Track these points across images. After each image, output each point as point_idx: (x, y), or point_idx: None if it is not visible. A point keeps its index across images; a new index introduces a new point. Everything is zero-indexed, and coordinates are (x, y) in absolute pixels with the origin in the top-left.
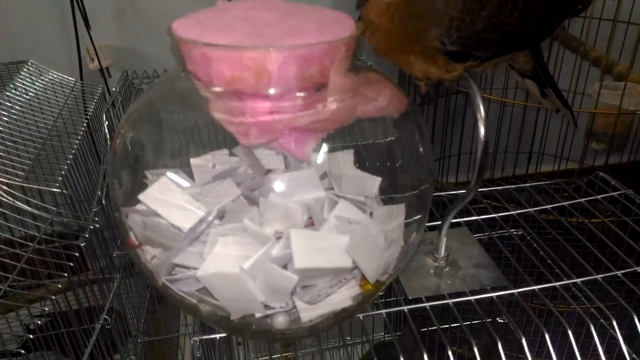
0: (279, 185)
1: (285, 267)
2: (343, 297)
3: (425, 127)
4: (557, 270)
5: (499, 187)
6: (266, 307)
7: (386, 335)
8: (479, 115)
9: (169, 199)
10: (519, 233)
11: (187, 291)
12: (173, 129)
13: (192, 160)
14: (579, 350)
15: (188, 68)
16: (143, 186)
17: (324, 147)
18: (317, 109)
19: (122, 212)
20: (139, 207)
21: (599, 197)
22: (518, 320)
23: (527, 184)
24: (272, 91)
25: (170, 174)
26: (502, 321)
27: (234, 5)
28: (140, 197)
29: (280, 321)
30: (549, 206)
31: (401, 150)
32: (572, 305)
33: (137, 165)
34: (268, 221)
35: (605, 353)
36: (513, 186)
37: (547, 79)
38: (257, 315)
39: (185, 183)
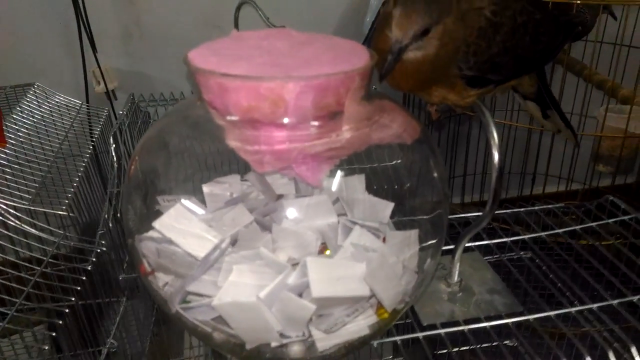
0: (291, 211)
1: (300, 295)
2: (360, 326)
3: (438, 152)
4: (567, 293)
5: (509, 210)
6: (282, 335)
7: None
8: (492, 142)
9: (184, 227)
10: (528, 255)
11: (201, 320)
12: (186, 155)
13: (205, 187)
14: None
15: (204, 97)
16: (155, 212)
17: (339, 173)
18: (332, 138)
19: (136, 239)
20: (152, 233)
21: (609, 221)
22: (529, 343)
23: (536, 207)
24: (287, 120)
25: (184, 201)
26: (511, 344)
27: (248, 35)
28: (155, 224)
29: (296, 350)
30: (560, 230)
31: (416, 175)
32: (585, 328)
33: (149, 191)
34: (281, 248)
35: None
36: (522, 209)
37: (550, 101)
38: (273, 344)
39: (199, 210)
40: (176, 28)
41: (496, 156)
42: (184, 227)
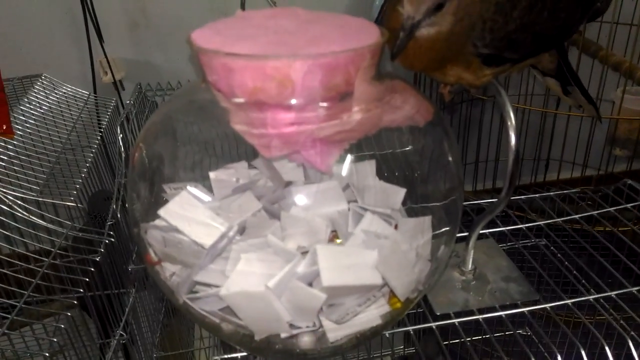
0: (300, 198)
1: (310, 284)
2: (372, 315)
3: (452, 135)
4: (583, 281)
5: (524, 196)
6: (292, 326)
7: (406, 350)
8: (509, 123)
9: (190, 214)
10: (543, 242)
11: (209, 310)
12: (191, 141)
13: (212, 174)
14: None
15: (208, 79)
16: (161, 200)
17: (348, 158)
18: (341, 120)
19: (142, 228)
20: (158, 222)
21: (628, 205)
22: (545, 333)
23: (552, 192)
24: (294, 101)
25: (190, 188)
26: (524, 333)
27: (253, 14)
28: (160, 212)
29: (306, 341)
30: (577, 216)
31: (428, 160)
32: (602, 316)
33: (155, 179)
34: (290, 236)
35: None
36: (537, 195)
37: (571, 76)
38: (283, 335)
39: (206, 197)
40: (182, 16)
41: (513, 138)
42: (190, 214)
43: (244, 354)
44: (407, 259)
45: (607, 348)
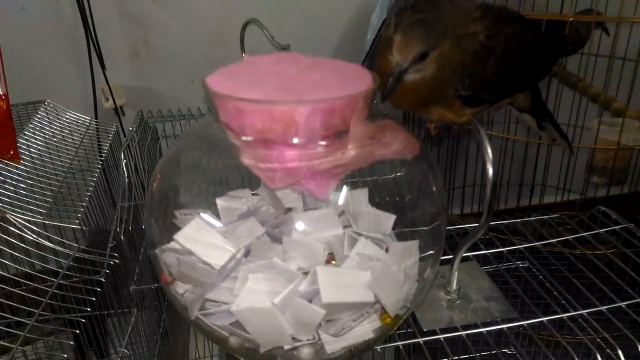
0: (300, 224)
1: (310, 301)
2: (365, 330)
3: (436, 167)
4: (562, 302)
5: (505, 221)
6: (294, 339)
7: None
8: (486, 158)
9: (203, 239)
10: (525, 265)
11: (220, 325)
12: (201, 172)
13: (219, 201)
14: None
15: (221, 119)
16: (172, 225)
17: (344, 188)
18: (338, 155)
19: (158, 250)
20: (173, 245)
21: (601, 231)
22: (527, 352)
23: (532, 218)
24: (297, 140)
25: (203, 215)
26: (510, 352)
27: (259, 60)
28: (177, 237)
29: (306, 353)
30: (554, 240)
31: (416, 189)
32: (579, 336)
33: (170, 205)
34: (291, 258)
35: None
36: (518, 220)
37: (545, 113)
38: (286, 347)
39: (216, 223)
40: (183, 46)
41: (490, 171)
42: (203, 239)
43: None
44: (396, 279)
45: None
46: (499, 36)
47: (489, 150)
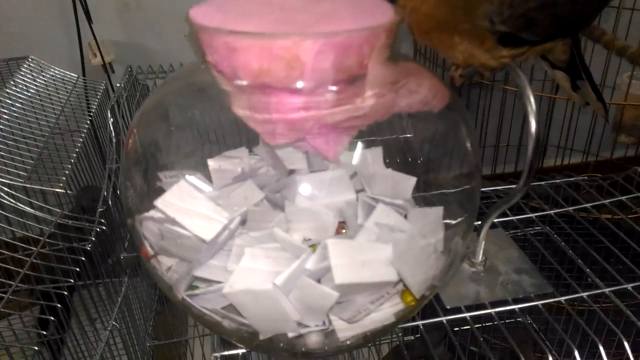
0: (306, 187)
1: (319, 280)
2: (385, 314)
3: (470, 120)
4: (587, 270)
5: (532, 184)
6: (300, 325)
7: (405, 338)
8: (529, 109)
9: (189, 206)
10: (550, 229)
11: (210, 308)
12: (189, 126)
13: (210, 161)
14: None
15: (208, 59)
16: (157, 189)
17: (359, 146)
18: (353, 105)
19: (136, 219)
20: (154, 213)
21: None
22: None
23: (559, 180)
24: (303, 85)
25: (189, 177)
26: (527, 320)
27: None
28: (157, 203)
29: (315, 341)
30: (588, 205)
31: (444, 146)
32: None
33: (150, 166)
34: (295, 227)
35: None
36: (544, 182)
37: (583, 70)
38: (290, 334)
39: (205, 187)
40: None
41: (533, 124)
42: (189, 206)
43: (245, 350)
44: (423, 254)
45: (620, 335)
46: None
47: (532, 99)
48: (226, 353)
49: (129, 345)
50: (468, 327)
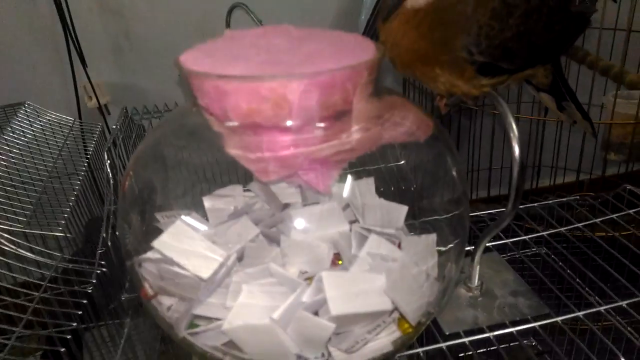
0: (300, 221)
1: (316, 313)
2: (383, 343)
3: (455, 149)
4: (586, 288)
5: (523, 206)
6: (299, 357)
7: None
8: (512, 135)
9: (186, 245)
10: (544, 251)
11: (211, 345)
12: (183, 167)
13: (205, 200)
14: None
15: (199, 103)
16: (154, 230)
17: (349, 178)
18: (340, 139)
19: (135, 261)
20: (152, 254)
21: (631, 211)
22: (552, 341)
23: (551, 201)
24: (291, 123)
25: (184, 217)
26: (530, 344)
27: (243, 34)
28: (154, 244)
29: None
30: (580, 224)
31: (431, 174)
32: (610, 322)
33: (147, 207)
34: (291, 261)
35: None
36: (536, 204)
37: (566, 91)
38: None
39: (201, 226)
40: (167, 38)
41: (516, 149)
42: (185, 245)
43: None
44: (416, 282)
45: (619, 354)
46: None
47: (514, 127)
48: None
49: None
50: (470, 352)
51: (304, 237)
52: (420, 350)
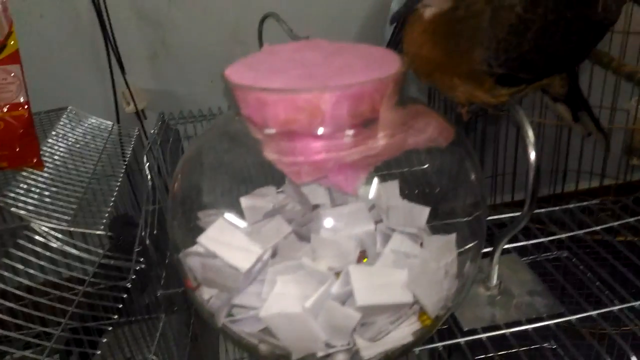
0: (329, 221)
1: (343, 304)
2: (404, 333)
3: (474, 154)
4: (606, 292)
5: (543, 210)
6: (327, 345)
7: None
8: (527, 140)
9: (227, 241)
10: (565, 254)
11: (248, 331)
12: (225, 170)
13: (243, 200)
14: None
15: (242, 112)
16: (196, 228)
17: (375, 181)
18: (367, 145)
19: (182, 254)
20: (197, 248)
21: None
22: (572, 345)
23: (572, 205)
24: (323, 130)
25: (227, 215)
26: (552, 346)
27: (280, 48)
28: (200, 239)
29: (340, 359)
30: (598, 227)
31: (452, 178)
32: (627, 327)
33: (193, 207)
34: (321, 257)
35: None
36: (557, 207)
37: (581, 102)
38: (319, 354)
39: (241, 223)
40: (201, 46)
41: (532, 155)
42: (227, 241)
43: None
44: (436, 277)
45: (634, 358)
46: (538, 9)
47: (530, 133)
48: None
49: None
50: (491, 355)
51: (333, 235)
52: (439, 344)
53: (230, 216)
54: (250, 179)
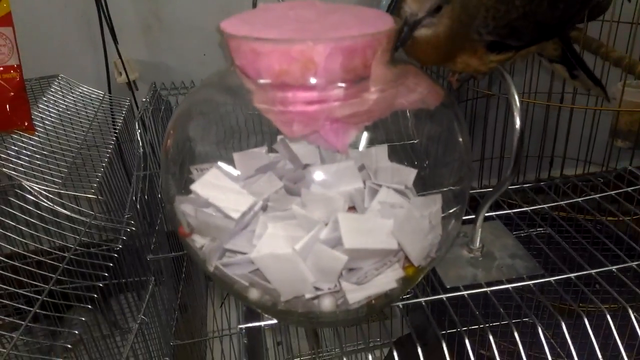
0: (319, 174)
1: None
2: (388, 278)
3: (462, 117)
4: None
5: (529, 184)
6: (315, 288)
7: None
8: (513, 104)
9: (220, 188)
10: (547, 231)
11: (239, 274)
12: (217, 124)
13: (235, 155)
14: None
15: (236, 63)
16: (189, 181)
17: (363, 140)
18: (359, 99)
19: (176, 201)
20: (190, 196)
21: (629, 189)
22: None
23: (557, 179)
24: (315, 81)
25: (221, 164)
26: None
27: (274, 6)
28: (193, 186)
29: (327, 303)
30: (579, 199)
31: (440, 140)
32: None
33: (186, 160)
34: (311, 211)
35: None
36: (543, 183)
37: (576, 61)
38: (307, 296)
39: (235, 171)
40: (194, 19)
41: (517, 119)
42: (220, 188)
43: (268, 322)
44: (420, 227)
45: (608, 317)
46: None
47: (516, 96)
48: (250, 325)
49: (155, 338)
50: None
51: (323, 191)
52: (422, 299)
53: (224, 165)
54: (244, 131)
